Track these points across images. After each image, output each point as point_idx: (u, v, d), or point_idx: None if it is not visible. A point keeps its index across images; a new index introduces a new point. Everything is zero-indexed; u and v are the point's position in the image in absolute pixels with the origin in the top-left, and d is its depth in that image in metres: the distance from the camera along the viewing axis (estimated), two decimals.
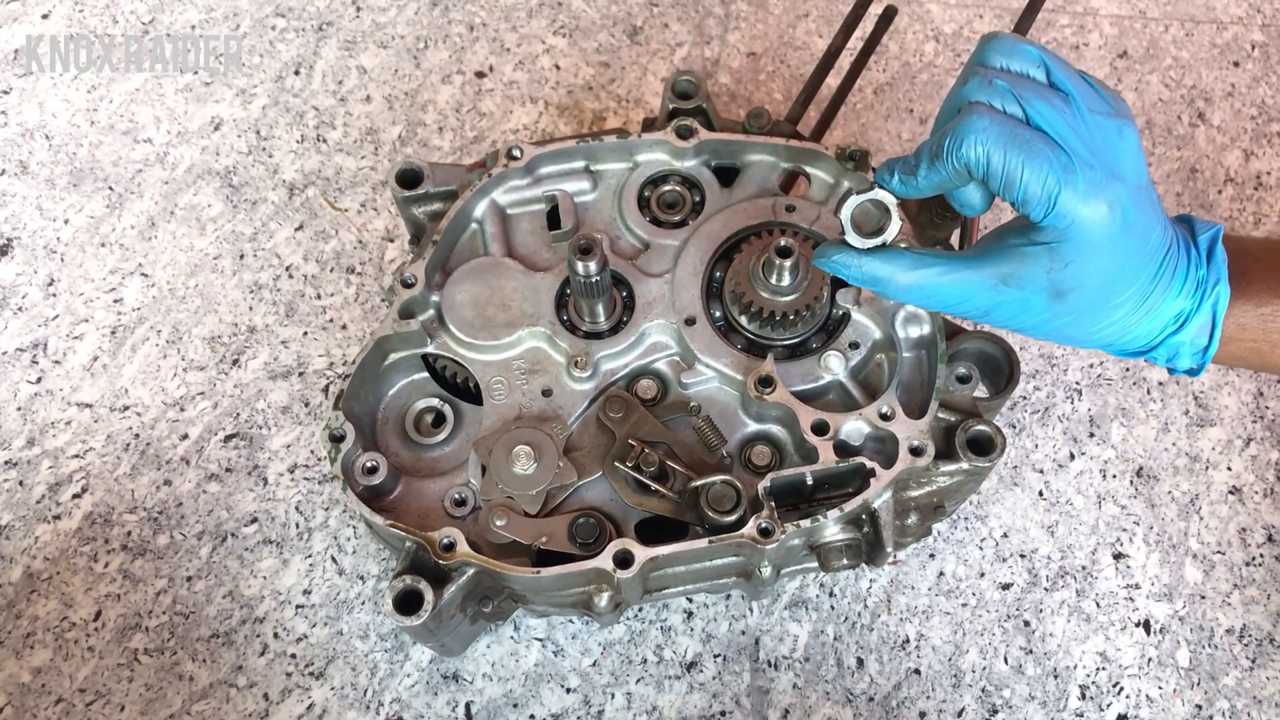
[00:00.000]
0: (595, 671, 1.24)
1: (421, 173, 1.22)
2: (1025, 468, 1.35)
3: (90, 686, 1.22)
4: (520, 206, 1.25)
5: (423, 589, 1.03)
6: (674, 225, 1.23)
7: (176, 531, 1.30)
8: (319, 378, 1.39)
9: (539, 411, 1.15)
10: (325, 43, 1.64)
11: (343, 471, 1.08)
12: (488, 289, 1.18)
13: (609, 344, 1.16)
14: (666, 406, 1.16)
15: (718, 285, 1.19)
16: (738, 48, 1.65)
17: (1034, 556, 1.30)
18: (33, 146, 1.55)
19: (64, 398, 1.37)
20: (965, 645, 1.26)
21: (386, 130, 1.57)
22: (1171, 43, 1.67)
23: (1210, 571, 1.30)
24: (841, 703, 1.23)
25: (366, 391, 1.17)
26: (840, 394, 1.16)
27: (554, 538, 1.08)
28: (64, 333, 1.41)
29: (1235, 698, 1.24)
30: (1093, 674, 1.25)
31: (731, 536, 1.04)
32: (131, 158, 1.54)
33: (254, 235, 1.48)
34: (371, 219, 1.50)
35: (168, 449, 1.35)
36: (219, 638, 1.25)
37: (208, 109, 1.58)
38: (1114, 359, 1.41)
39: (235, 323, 1.42)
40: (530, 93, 1.61)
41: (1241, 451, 1.37)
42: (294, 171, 1.53)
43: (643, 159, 1.26)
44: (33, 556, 1.29)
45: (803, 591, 1.28)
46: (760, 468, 1.13)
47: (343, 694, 1.22)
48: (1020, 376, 1.17)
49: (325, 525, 1.31)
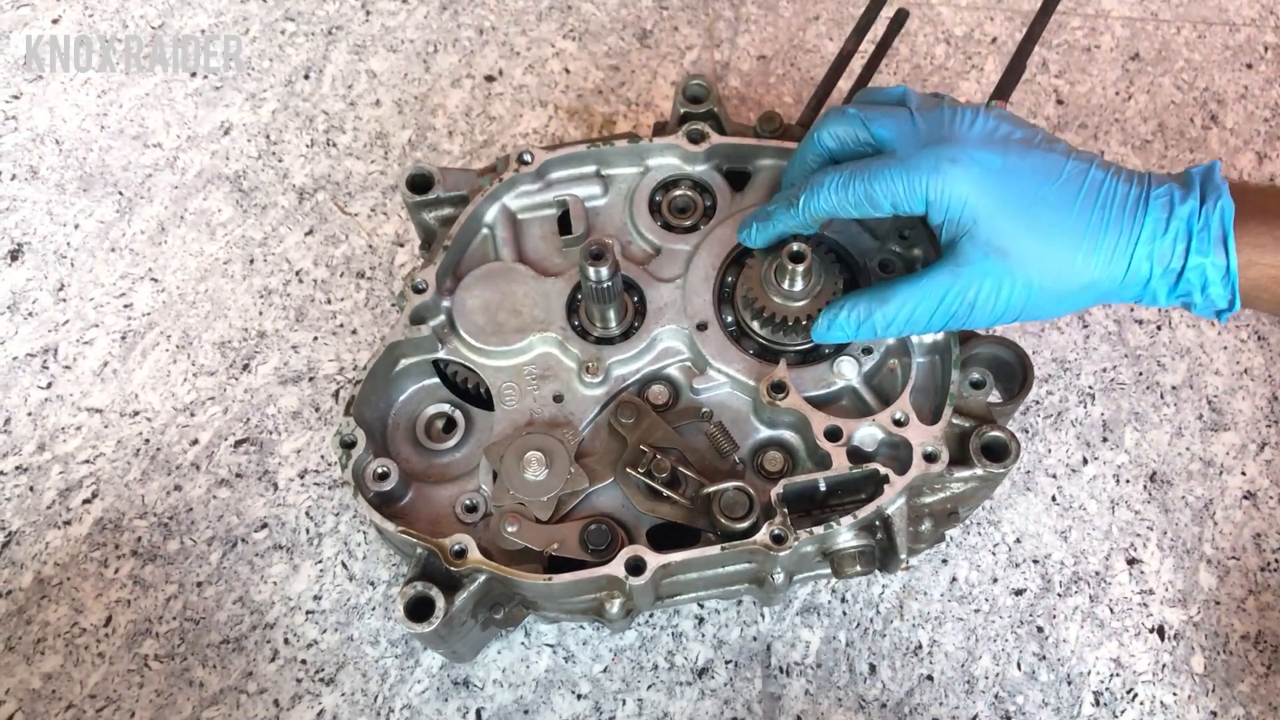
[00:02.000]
0: (606, 678, 1.23)
1: (432, 177, 1.21)
2: (1038, 472, 1.35)
3: (100, 692, 1.22)
4: (531, 211, 1.25)
5: (434, 596, 1.02)
6: (685, 230, 1.23)
7: (187, 537, 1.30)
8: (329, 383, 1.39)
9: (550, 417, 1.14)
10: (335, 47, 1.64)
11: (354, 477, 1.08)
12: (499, 294, 1.18)
13: (620, 349, 1.16)
14: (678, 412, 1.15)
15: (729, 290, 1.18)
16: (748, 51, 1.65)
17: (1047, 562, 1.30)
18: (43, 151, 1.55)
19: (74, 403, 1.37)
20: (978, 651, 1.25)
21: (396, 134, 1.57)
22: (1184, 45, 1.66)
23: (1225, 577, 1.30)
24: (854, 709, 1.22)
25: (377, 397, 1.16)
26: (853, 399, 1.15)
27: (565, 544, 1.07)
28: (74, 338, 1.41)
29: (1250, 704, 1.23)
30: (1106, 680, 1.24)
31: (744, 543, 1.04)
32: (141, 162, 1.54)
33: (264, 240, 1.48)
34: (381, 223, 1.50)
35: (178, 454, 1.34)
36: (229, 643, 1.25)
37: (217, 113, 1.58)
38: (1126, 362, 1.40)
39: (245, 328, 1.42)
40: (540, 96, 1.60)
41: (1256, 456, 1.36)
42: (304, 176, 1.53)
43: (654, 163, 1.26)
44: (43, 562, 1.28)
45: (815, 597, 1.27)
46: (773, 474, 1.13)
47: (353, 700, 1.22)
48: (1034, 381, 1.16)
49: (336, 531, 1.30)
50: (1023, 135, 1.02)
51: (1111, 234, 0.97)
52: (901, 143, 1.03)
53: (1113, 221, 0.97)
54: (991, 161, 0.99)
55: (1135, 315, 1.43)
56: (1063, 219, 0.98)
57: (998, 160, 0.99)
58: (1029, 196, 0.98)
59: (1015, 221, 0.98)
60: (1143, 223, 0.97)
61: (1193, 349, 1.42)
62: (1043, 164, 0.99)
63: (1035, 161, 1.00)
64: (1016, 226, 0.98)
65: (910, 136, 1.03)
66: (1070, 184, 0.99)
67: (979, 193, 0.98)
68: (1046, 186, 0.99)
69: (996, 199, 0.98)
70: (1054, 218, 0.98)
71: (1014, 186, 0.98)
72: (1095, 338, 1.42)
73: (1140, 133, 1.58)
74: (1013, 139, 1.01)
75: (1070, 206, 0.98)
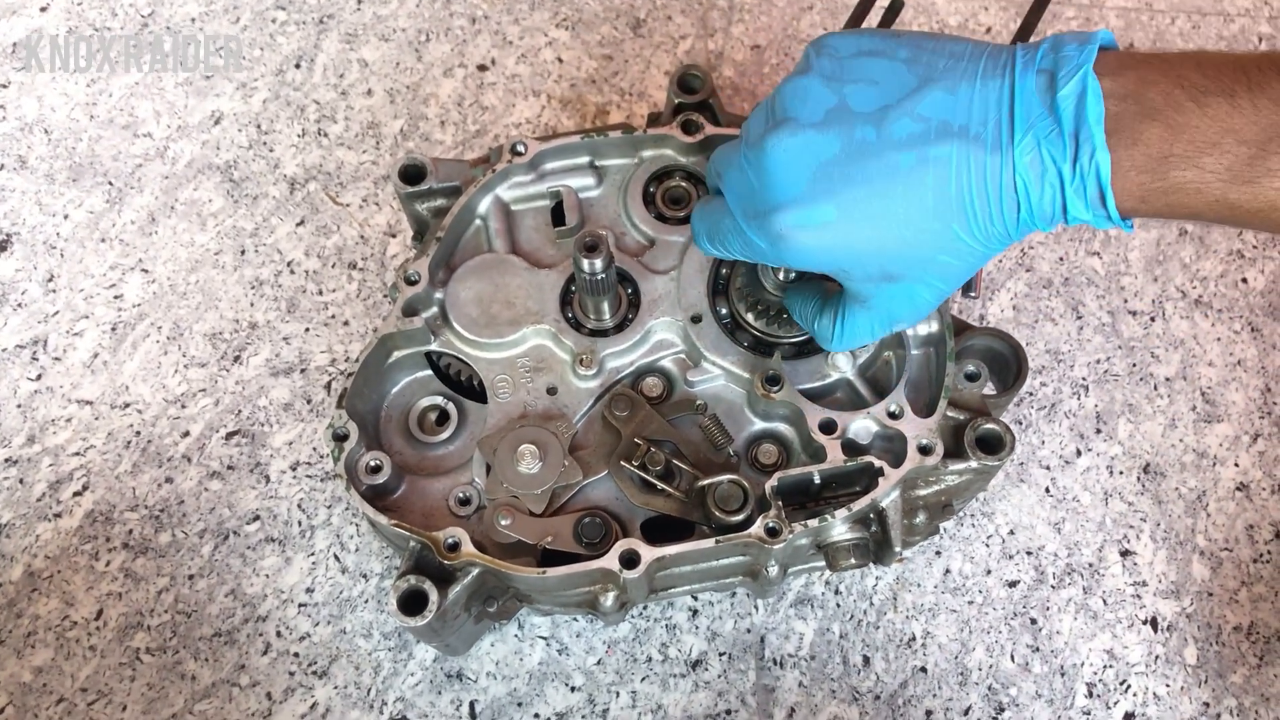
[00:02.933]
0: (600, 670, 1.23)
1: (425, 168, 1.21)
2: (1032, 464, 1.35)
3: (92, 686, 1.22)
4: (524, 203, 1.24)
5: (427, 589, 1.02)
6: (680, 221, 1.22)
7: (178, 529, 1.29)
8: (321, 374, 1.38)
9: (544, 410, 1.14)
10: (326, 36, 1.63)
11: (346, 471, 1.08)
12: (492, 286, 1.17)
13: (614, 341, 1.15)
14: (672, 405, 1.15)
15: (724, 282, 1.18)
16: (742, 40, 1.64)
17: (1040, 554, 1.30)
18: (32, 141, 1.54)
19: (64, 395, 1.36)
20: (972, 643, 1.25)
21: (388, 124, 1.56)
22: (1178, 35, 1.66)
23: (1218, 568, 1.30)
24: (847, 701, 1.22)
25: (370, 390, 1.16)
26: (848, 392, 1.15)
27: (559, 537, 1.07)
28: (64, 329, 1.40)
29: (1243, 695, 1.24)
30: (1100, 672, 1.24)
31: (738, 536, 1.04)
32: (131, 152, 1.53)
33: (255, 230, 1.47)
34: (373, 214, 1.49)
35: (169, 446, 1.34)
36: (221, 637, 1.24)
37: (208, 103, 1.57)
38: (1120, 354, 1.40)
39: (236, 319, 1.41)
40: (533, 86, 1.59)
41: (1249, 447, 1.36)
42: (295, 166, 1.52)
43: (648, 154, 1.25)
44: (34, 555, 1.28)
45: (808, 589, 1.27)
46: (767, 466, 1.12)
47: (346, 693, 1.22)
48: (1028, 373, 1.16)
49: (328, 523, 1.30)
50: (847, 98, 0.88)
51: (981, 219, 0.85)
52: (739, 208, 0.95)
53: (978, 211, 0.84)
54: (823, 194, 0.87)
55: (1129, 307, 1.43)
56: (928, 222, 0.86)
57: (829, 183, 0.87)
58: (880, 211, 0.86)
59: (882, 256, 0.89)
60: (1005, 203, 0.84)
61: (1186, 340, 1.42)
62: (879, 150, 0.86)
63: (869, 151, 0.86)
64: (889, 257, 0.89)
65: (743, 192, 0.94)
66: (916, 176, 0.85)
67: (826, 254, 0.90)
68: (894, 184, 0.85)
69: (846, 244, 0.89)
70: (923, 223, 0.86)
71: (861, 213, 0.87)
72: (1089, 329, 1.42)
73: None
74: (842, 113, 0.88)
75: (925, 203, 0.85)
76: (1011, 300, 1.44)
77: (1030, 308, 1.43)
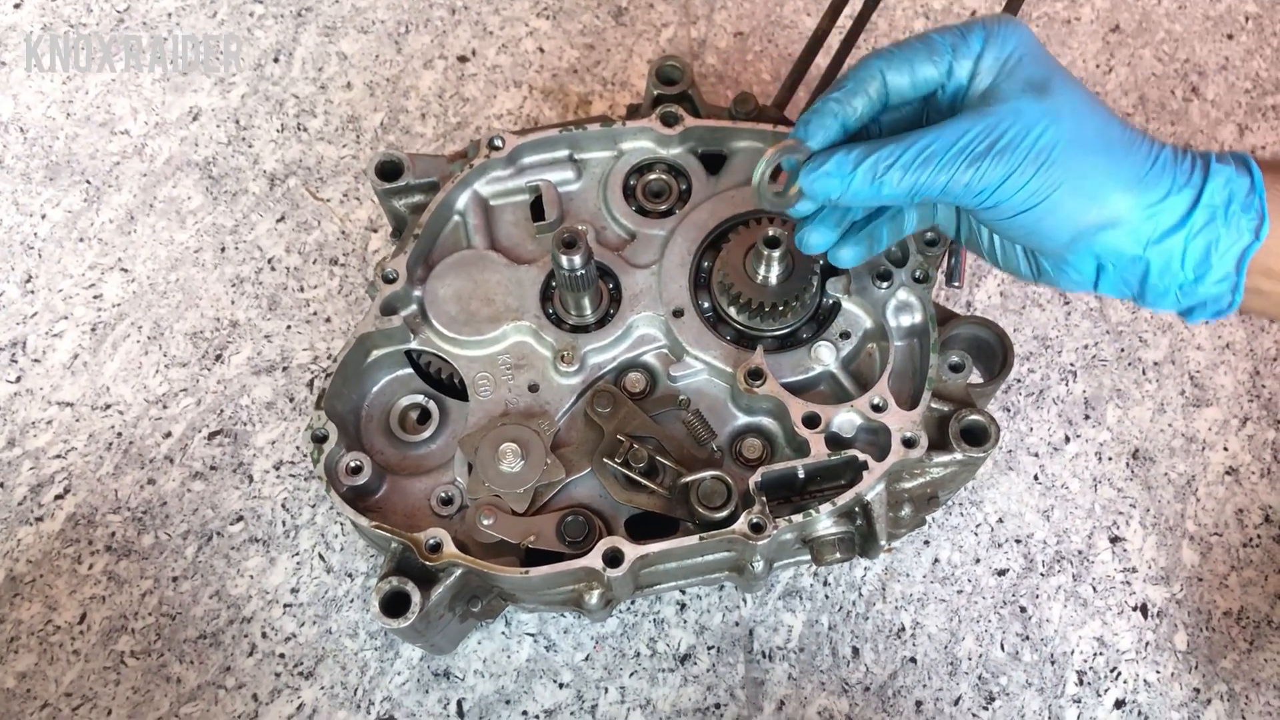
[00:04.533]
0: (588, 666, 1.23)
1: (401, 164, 1.19)
2: (1020, 451, 1.34)
3: (76, 690, 1.21)
4: (503, 198, 1.23)
5: (410, 590, 1.01)
6: (660, 215, 1.21)
7: (161, 531, 1.28)
8: (303, 372, 1.37)
9: (525, 407, 1.13)
10: (304, 29, 1.61)
11: (326, 472, 1.07)
12: (471, 283, 1.16)
13: (596, 337, 1.14)
14: (655, 400, 1.14)
15: (706, 276, 1.17)
16: (725, 27, 1.63)
17: (1030, 541, 1.29)
18: (7, 140, 1.52)
19: (44, 397, 1.35)
20: (961, 633, 1.25)
21: (368, 118, 1.54)
22: (1164, 16, 1.64)
23: (1207, 553, 1.29)
24: (837, 693, 1.22)
25: (349, 390, 1.15)
26: (831, 385, 1.14)
27: (542, 536, 1.06)
28: (43, 330, 1.39)
29: (1233, 680, 1.23)
30: (1090, 659, 1.24)
31: (722, 532, 1.03)
32: (109, 150, 1.51)
33: (235, 227, 1.46)
34: (354, 209, 1.48)
35: (151, 447, 1.33)
36: (206, 638, 1.24)
37: (185, 99, 1.55)
38: (1108, 339, 1.39)
39: (217, 317, 1.40)
40: (514, 77, 1.58)
41: (1238, 431, 1.35)
42: (275, 161, 1.51)
43: (628, 147, 1.24)
44: (15, 559, 1.27)
45: (796, 581, 1.27)
46: (751, 461, 1.12)
47: (332, 693, 1.21)
48: (1014, 361, 1.15)
49: (312, 522, 1.29)
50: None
51: (1164, 183, 0.87)
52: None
53: (1171, 180, 0.87)
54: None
55: None
56: (1120, 155, 0.88)
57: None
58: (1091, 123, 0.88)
59: (1066, 80, 0.88)
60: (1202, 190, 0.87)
61: (1174, 324, 1.41)
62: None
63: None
64: (1066, 81, 0.88)
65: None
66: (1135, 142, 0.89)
67: (1033, 43, 0.89)
68: (1112, 129, 0.88)
69: (1048, 61, 0.89)
70: (1116, 148, 0.88)
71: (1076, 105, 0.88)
72: (1076, 314, 1.41)
73: (1121, 105, 1.56)
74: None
75: (1135, 151, 0.88)
76: (999, 286, 1.43)
77: (1017, 293, 1.42)
